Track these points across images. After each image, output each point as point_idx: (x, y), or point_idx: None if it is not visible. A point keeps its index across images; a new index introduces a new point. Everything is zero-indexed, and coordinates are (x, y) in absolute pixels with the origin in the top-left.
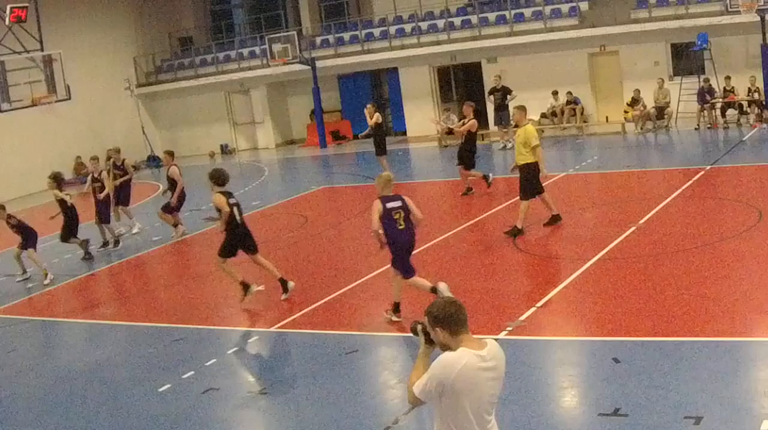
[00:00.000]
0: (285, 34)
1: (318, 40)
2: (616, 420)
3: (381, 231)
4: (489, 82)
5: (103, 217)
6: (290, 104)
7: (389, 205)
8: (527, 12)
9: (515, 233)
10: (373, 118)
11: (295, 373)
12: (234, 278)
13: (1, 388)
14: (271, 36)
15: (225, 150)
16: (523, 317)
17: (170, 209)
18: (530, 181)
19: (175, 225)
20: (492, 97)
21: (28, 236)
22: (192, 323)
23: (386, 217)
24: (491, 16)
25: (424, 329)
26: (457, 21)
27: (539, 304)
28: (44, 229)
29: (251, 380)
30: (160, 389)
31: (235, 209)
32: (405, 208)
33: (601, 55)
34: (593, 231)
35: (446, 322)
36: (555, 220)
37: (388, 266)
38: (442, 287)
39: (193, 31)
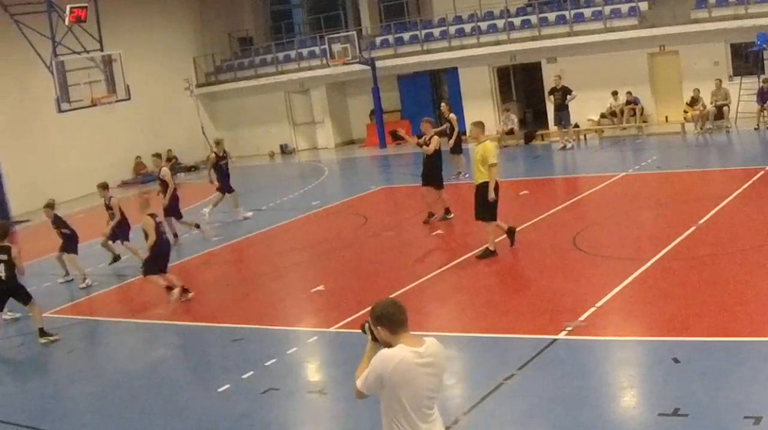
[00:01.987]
0: (345, 34)
1: (378, 40)
2: (675, 420)
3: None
4: (549, 82)
5: (121, 237)
6: (350, 104)
7: (157, 219)
8: (587, 12)
9: (487, 254)
10: (449, 116)
11: (354, 373)
12: None
13: (61, 388)
14: (331, 36)
15: (285, 150)
16: (582, 317)
17: (176, 214)
18: (495, 202)
19: (175, 235)
20: (552, 97)
21: (69, 240)
22: (252, 322)
23: (157, 229)
24: (551, 16)
25: (370, 328)
26: (517, 21)
27: (599, 304)
28: (98, 230)
29: (311, 380)
30: (220, 389)
31: (2, 266)
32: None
33: (661, 55)
34: (653, 231)
35: (386, 321)
36: (488, 254)
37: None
38: (175, 292)
39: (252, 31)
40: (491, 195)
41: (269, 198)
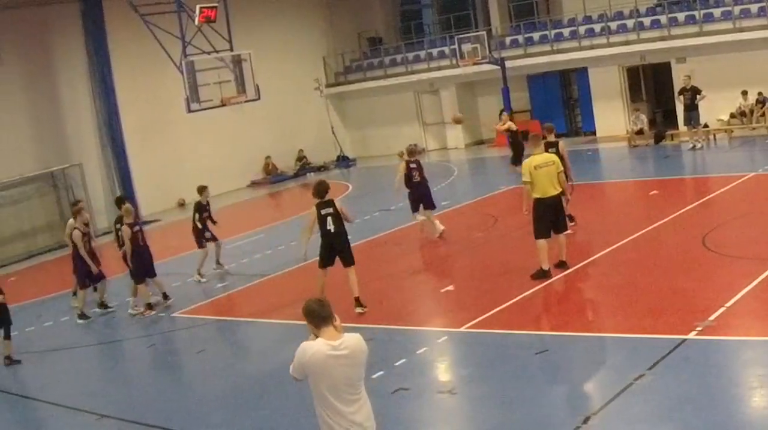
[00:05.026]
0: (474, 34)
1: (507, 40)
2: None
3: None
4: (678, 82)
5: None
6: (479, 104)
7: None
8: (716, 12)
9: (541, 275)
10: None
11: (484, 373)
12: None
13: (191, 389)
14: (461, 36)
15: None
16: (712, 318)
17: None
18: (539, 219)
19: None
20: (681, 97)
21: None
22: (381, 323)
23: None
24: (680, 16)
25: None
26: (647, 21)
27: (728, 304)
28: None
29: (440, 380)
30: None
31: (330, 219)
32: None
33: None
34: None
35: (311, 317)
36: (561, 265)
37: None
38: None
39: (382, 31)
40: (524, 210)
41: (398, 198)
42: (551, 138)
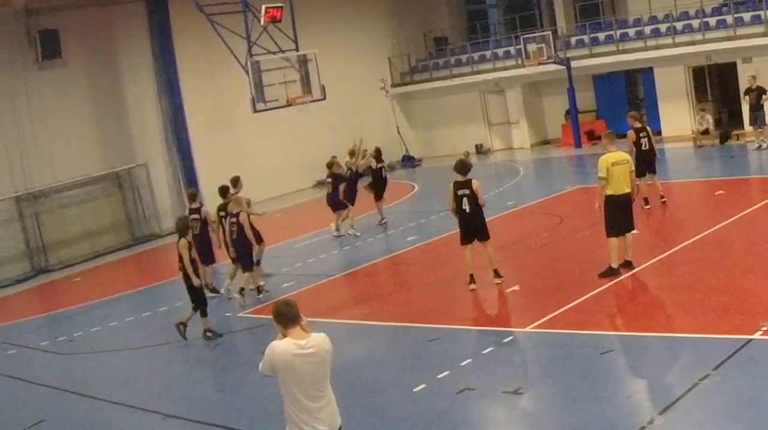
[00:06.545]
0: (540, 34)
1: (573, 40)
2: None
3: None
4: (744, 83)
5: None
6: (545, 104)
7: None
8: None
9: (609, 273)
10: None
11: (550, 373)
12: None
13: (257, 389)
14: (526, 36)
15: (480, 150)
16: None
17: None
18: (611, 216)
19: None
20: (747, 97)
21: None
22: (447, 322)
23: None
24: (746, 16)
25: None
26: (712, 21)
27: None
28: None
29: (506, 380)
30: (415, 389)
31: (466, 199)
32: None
33: None
34: None
35: (279, 318)
36: (626, 264)
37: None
38: None
39: (448, 31)
40: (596, 206)
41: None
42: (636, 125)
